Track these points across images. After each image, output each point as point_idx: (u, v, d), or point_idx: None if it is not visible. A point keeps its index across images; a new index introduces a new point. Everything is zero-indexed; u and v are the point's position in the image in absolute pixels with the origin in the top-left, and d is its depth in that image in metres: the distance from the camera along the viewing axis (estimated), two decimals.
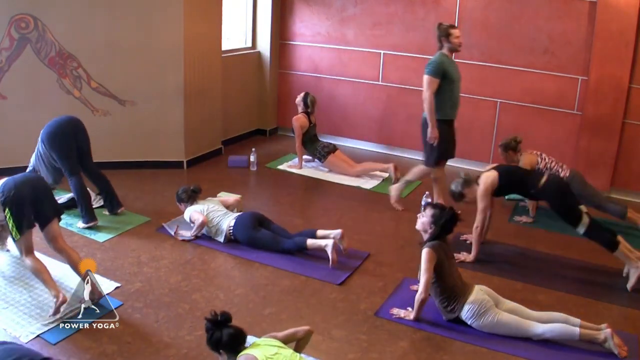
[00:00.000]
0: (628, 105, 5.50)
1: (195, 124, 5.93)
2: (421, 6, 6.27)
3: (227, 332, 2.50)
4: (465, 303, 3.28)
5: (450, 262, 3.41)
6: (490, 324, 3.23)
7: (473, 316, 3.26)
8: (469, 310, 3.27)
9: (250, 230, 4.18)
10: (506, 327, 3.22)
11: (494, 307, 3.26)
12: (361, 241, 4.44)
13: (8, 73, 5.15)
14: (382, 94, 6.64)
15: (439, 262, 3.31)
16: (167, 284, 3.70)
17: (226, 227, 4.25)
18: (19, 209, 3.26)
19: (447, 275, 3.33)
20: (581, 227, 3.87)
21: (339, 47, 6.83)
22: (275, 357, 2.47)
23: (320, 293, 3.68)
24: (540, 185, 4.01)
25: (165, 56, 5.58)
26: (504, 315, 3.23)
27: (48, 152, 4.33)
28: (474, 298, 3.27)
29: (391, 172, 5.68)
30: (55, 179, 4.54)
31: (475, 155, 6.34)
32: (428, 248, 3.34)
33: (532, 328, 3.19)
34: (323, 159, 5.99)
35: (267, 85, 7.18)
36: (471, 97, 6.22)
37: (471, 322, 3.28)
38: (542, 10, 5.73)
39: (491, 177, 4.09)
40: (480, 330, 3.26)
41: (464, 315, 3.29)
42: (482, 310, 3.23)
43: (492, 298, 3.31)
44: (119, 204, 4.69)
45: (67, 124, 4.41)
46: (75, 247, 4.05)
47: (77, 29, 5.30)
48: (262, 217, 4.36)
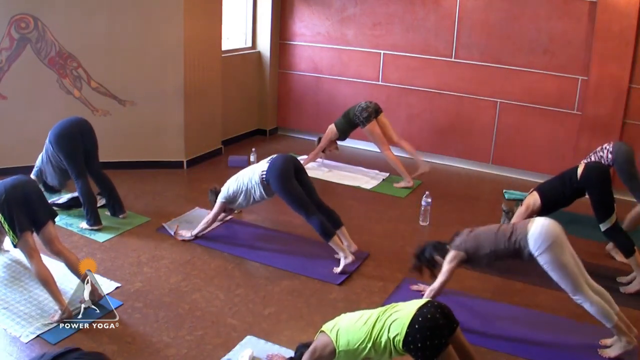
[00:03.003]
0: (628, 105, 5.50)
1: (195, 124, 5.93)
2: (421, 6, 6.27)
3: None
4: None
5: None
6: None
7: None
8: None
9: (283, 178, 3.95)
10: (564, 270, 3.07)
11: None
12: (361, 241, 4.43)
13: (8, 73, 5.15)
14: (382, 94, 6.63)
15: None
16: (167, 284, 3.70)
17: (259, 172, 4.07)
18: (10, 213, 3.21)
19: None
20: (607, 223, 3.80)
21: (339, 47, 6.83)
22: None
23: (320, 293, 3.68)
24: (579, 176, 3.88)
25: (165, 56, 5.59)
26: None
27: (56, 154, 4.31)
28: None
29: (406, 182, 5.62)
30: (61, 182, 4.52)
31: (475, 155, 6.34)
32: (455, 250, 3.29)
33: (583, 287, 3.07)
34: (362, 125, 5.63)
35: (267, 85, 7.18)
36: (471, 97, 6.22)
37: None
38: (542, 10, 5.73)
39: (532, 199, 4.01)
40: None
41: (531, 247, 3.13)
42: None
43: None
44: (122, 209, 4.64)
45: (75, 126, 4.37)
46: (75, 247, 4.07)
47: (77, 29, 5.30)
48: (298, 163, 4.13)
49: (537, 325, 3.41)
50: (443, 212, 5.05)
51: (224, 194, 4.28)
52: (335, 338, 2.50)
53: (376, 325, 2.45)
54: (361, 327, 2.47)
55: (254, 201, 4.22)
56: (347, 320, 2.55)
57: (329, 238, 3.93)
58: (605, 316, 3.06)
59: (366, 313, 2.54)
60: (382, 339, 2.42)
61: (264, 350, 3.06)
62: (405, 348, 2.37)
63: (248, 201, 4.22)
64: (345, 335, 2.48)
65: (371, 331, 2.44)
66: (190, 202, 5.04)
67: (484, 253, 3.22)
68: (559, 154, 5.91)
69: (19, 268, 3.78)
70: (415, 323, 2.35)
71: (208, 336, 3.18)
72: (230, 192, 4.23)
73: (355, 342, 2.45)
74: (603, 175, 3.88)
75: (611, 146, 4.50)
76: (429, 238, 4.60)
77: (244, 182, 4.17)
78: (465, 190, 5.77)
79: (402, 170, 5.67)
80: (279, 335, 3.21)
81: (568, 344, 3.22)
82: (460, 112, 6.34)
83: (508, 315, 3.53)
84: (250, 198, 4.19)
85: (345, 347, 2.47)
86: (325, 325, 2.60)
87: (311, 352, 2.55)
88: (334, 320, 2.62)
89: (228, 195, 4.25)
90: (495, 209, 5.22)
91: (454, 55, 6.20)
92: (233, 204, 4.32)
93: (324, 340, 2.54)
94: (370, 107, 5.63)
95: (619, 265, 4.12)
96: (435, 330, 2.34)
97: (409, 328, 2.35)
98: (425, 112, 6.47)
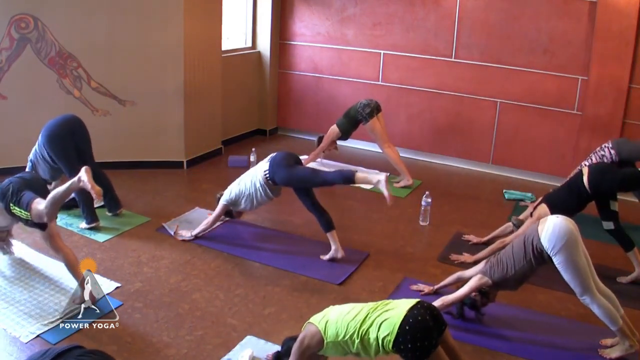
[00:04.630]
0: (628, 105, 5.50)
1: (195, 124, 5.92)
2: (421, 6, 6.27)
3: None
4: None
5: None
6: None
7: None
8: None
9: (286, 168, 3.96)
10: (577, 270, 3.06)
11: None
12: (361, 241, 4.44)
13: (8, 73, 5.15)
14: (382, 94, 6.63)
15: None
16: (167, 284, 3.70)
17: (261, 173, 4.08)
18: (19, 193, 3.34)
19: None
20: (610, 223, 3.86)
21: (339, 47, 6.83)
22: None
23: (320, 293, 3.68)
24: (587, 185, 3.88)
25: (165, 56, 5.58)
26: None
27: (46, 153, 4.31)
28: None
29: (406, 181, 5.64)
30: (52, 175, 4.55)
31: (475, 156, 6.34)
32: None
33: (592, 288, 3.06)
34: (365, 120, 5.64)
35: (267, 85, 7.18)
36: (471, 97, 6.22)
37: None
38: (542, 10, 5.73)
39: (542, 211, 3.99)
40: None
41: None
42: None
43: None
44: (118, 204, 4.67)
45: (65, 124, 4.34)
46: (75, 247, 4.06)
47: (77, 29, 5.29)
48: (297, 158, 4.14)
49: (537, 325, 3.41)
50: (443, 212, 5.05)
51: (226, 197, 4.29)
52: (323, 329, 2.51)
53: (365, 322, 2.46)
54: (349, 322, 2.47)
55: (257, 204, 4.21)
56: (337, 312, 2.56)
57: (352, 181, 3.82)
58: (611, 319, 3.06)
59: (357, 307, 2.55)
60: (371, 336, 2.42)
61: (264, 350, 3.06)
62: (395, 348, 2.38)
63: (252, 204, 4.22)
64: (334, 327, 2.49)
65: (359, 327, 2.45)
66: (190, 202, 5.04)
67: (510, 275, 3.20)
68: (559, 154, 5.91)
69: (19, 268, 3.78)
70: (406, 324, 2.36)
71: (208, 336, 3.18)
72: (233, 195, 4.24)
73: (344, 335, 2.46)
74: (612, 183, 3.90)
75: (610, 144, 4.52)
76: (429, 238, 4.63)
77: (247, 187, 4.16)
78: (465, 190, 5.77)
79: (402, 168, 5.67)
80: (279, 335, 3.21)
81: (568, 344, 3.22)
82: (460, 112, 6.34)
83: (508, 315, 3.53)
84: (253, 201, 4.18)
85: (334, 338, 2.48)
86: (313, 317, 2.61)
87: (299, 342, 2.56)
88: (322, 312, 2.62)
89: (230, 199, 4.26)
90: (495, 209, 5.24)
91: (454, 55, 6.20)
92: (236, 207, 4.32)
93: (312, 330, 2.54)
94: (372, 103, 5.64)
95: (620, 266, 4.12)
96: (426, 332, 2.36)
97: (400, 329, 2.36)
98: (425, 112, 6.47)
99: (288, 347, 2.66)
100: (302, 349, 2.55)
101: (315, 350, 2.54)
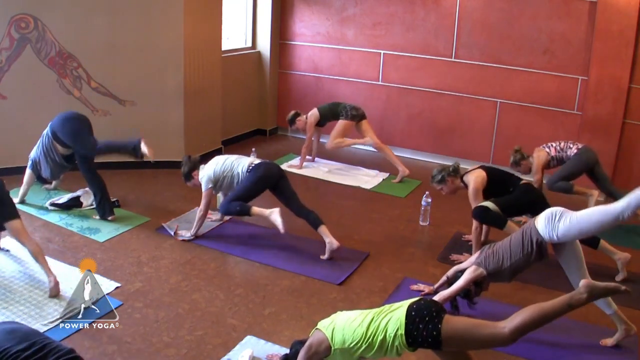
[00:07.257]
0: (628, 105, 5.50)
1: (195, 124, 5.93)
2: (421, 6, 6.27)
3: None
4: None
5: None
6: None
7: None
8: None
9: (263, 177, 4.20)
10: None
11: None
12: (361, 241, 4.44)
13: (8, 73, 5.15)
14: (382, 94, 6.64)
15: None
16: (167, 284, 3.70)
17: (248, 163, 4.27)
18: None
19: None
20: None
21: (339, 47, 6.83)
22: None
23: (320, 293, 3.68)
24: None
25: (165, 56, 5.58)
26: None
27: (58, 139, 4.40)
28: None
29: (403, 174, 5.76)
30: (53, 174, 4.57)
31: (475, 156, 6.34)
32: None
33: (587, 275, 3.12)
34: (344, 118, 5.91)
35: (267, 85, 7.18)
36: (471, 97, 6.22)
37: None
38: (542, 10, 5.73)
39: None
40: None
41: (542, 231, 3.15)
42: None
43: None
44: (112, 210, 4.55)
45: (74, 114, 4.57)
46: (75, 247, 4.08)
47: (77, 29, 5.30)
48: (282, 172, 4.33)
49: None
50: (443, 212, 5.05)
51: (207, 177, 4.28)
52: (330, 336, 2.50)
53: (371, 326, 2.45)
54: (356, 329, 2.47)
55: (232, 188, 4.31)
56: (344, 319, 2.55)
57: (242, 214, 4.19)
58: (606, 302, 3.14)
59: (363, 313, 2.55)
60: (378, 339, 2.42)
61: (264, 350, 3.06)
62: (411, 340, 2.36)
63: (230, 186, 4.30)
64: (341, 333, 2.49)
65: (366, 332, 2.45)
66: (190, 202, 5.03)
67: (505, 267, 3.22)
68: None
69: (18, 268, 3.78)
70: (411, 311, 2.40)
71: (208, 336, 3.18)
72: (213, 175, 4.27)
73: (351, 342, 2.46)
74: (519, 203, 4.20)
75: (577, 148, 4.82)
76: (429, 238, 4.63)
77: (232, 167, 4.27)
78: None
79: (395, 161, 5.81)
80: (279, 335, 3.21)
81: (568, 344, 3.22)
82: (460, 112, 6.34)
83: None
84: (233, 184, 4.28)
85: (341, 345, 2.47)
86: (321, 323, 2.60)
87: (307, 349, 2.55)
88: (330, 317, 2.62)
89: (210, 179, 4.27)
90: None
91: (454, 55, 6.21)
92: (216, 190, 4.37)
93: (319, 337, 2.54)
94: (360, 110, 5.93)
95: (616, 265, 4.11)
96: (431, 306, 2.41)
97: (407, 318, 2.38)
98: (425, 112, 6.47)
99: (296, 350, 2.65)
100: (309, 355, 2.55)
101: (323, 356, 2.54)
